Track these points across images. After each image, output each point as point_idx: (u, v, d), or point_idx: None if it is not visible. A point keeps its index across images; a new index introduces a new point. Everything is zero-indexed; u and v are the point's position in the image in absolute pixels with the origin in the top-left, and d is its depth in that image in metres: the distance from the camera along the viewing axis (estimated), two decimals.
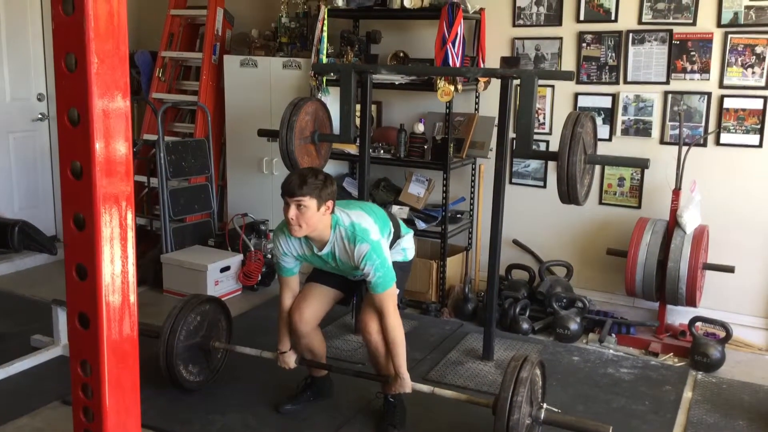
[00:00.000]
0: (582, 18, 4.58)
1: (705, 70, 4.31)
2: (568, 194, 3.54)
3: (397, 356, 3.06)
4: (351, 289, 3.45)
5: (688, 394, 3.70)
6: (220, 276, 4.88)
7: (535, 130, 4.47)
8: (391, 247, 3.22)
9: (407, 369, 3.12)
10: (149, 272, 5.09)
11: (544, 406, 2.95)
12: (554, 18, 4.65)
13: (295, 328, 3.27)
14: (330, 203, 2.97)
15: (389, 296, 3.04)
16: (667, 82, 4.41)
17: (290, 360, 3.34)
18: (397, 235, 3.31)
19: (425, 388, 3.15)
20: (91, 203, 1.13)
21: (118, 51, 1.17)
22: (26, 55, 5.48)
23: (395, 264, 3.16)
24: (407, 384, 3.10)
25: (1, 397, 3.49)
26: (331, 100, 4.71)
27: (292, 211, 2.93)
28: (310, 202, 2.90)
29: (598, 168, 4.53)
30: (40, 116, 5.60)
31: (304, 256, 3.18)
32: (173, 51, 5.74)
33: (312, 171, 2.98)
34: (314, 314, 3.29)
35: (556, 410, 2.98)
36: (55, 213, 5.80)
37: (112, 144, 1.16)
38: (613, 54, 4.52)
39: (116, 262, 1.19)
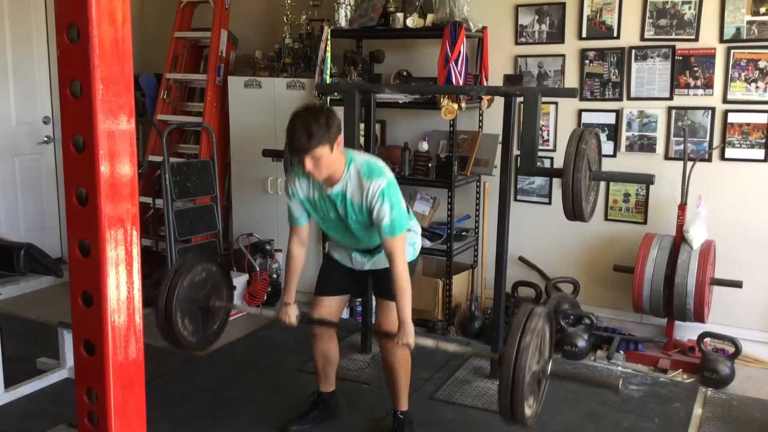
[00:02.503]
0: (584, 35, 4.59)
1: (708, 85, 4.31)
2: (574, 211, 3.53)
3: (404, 306, 2.95)
4: (357, 284, 3.36)
5: (698, 410, 3.66)
6: None
7: (540, 147, 4.46)
8: None
9: (412, 390, 3.09)
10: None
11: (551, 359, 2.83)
12: (556, 35, 4.67)
13: (316, 333, 3.28)
14: (339, 138, 2.88)
15: (401, 241, 2.97)
16: (671, 98, 4.41)
17: (292, 313, 3.24)
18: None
19: (429, 342, 3.03)
20: (97, 229, 1.13)
21: (124, 76, 1.17)
22: (32, 79, 5.52)
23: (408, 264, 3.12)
24: (410, 333, 2.96)
25: (7, 420, 3.48)
26: None
27: (309, 164, 2.83)
28: (323, 150, 2.81)
29: (603, 184, 4.52)
30: (45, 139, 5.63)
31: (311, 200, 3.06)
32: (178, 73, 5.77)
33: (312, 116, 2.82)
34: (331, 317, 3.29)
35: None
36: (61, 235, 5.81)
37: (117, 168, 1.16)
38: (616, 70, 4.53)
39: (122, 288, 1.19)
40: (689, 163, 4.17)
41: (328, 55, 4.87)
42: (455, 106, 4.42)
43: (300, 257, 3.23)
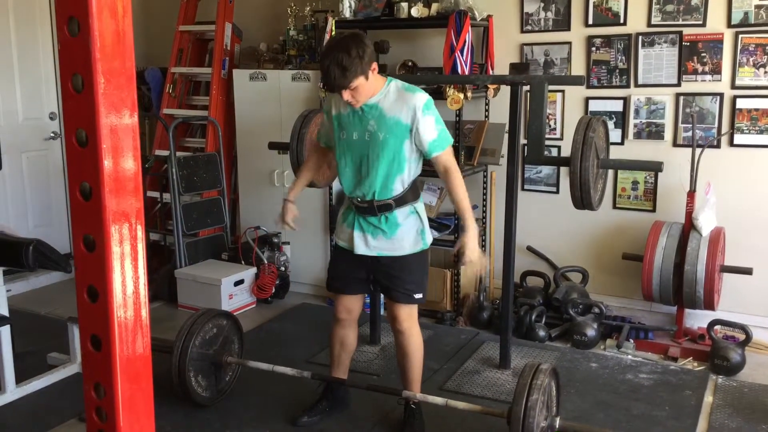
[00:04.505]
0: (590, 22, 4.56)
1: (716, 71, 4.28)
2: (582, 199, 3.52)
3: (462, 205, 2.98)
4: (367, 282, 3.25)
5: (708, 398, 3.65)
6: (234, 290, 4.88)
7: (547, 136, 4.44)
8: (416, 199, 3.12)
9: (422, 380, 3.09)
10: (163, 287, 5.10)
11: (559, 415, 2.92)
12: (562, 23, 4.63)
13: (341, 320, 3.27)
14: (374, 64, 2.84)
15: (451, 154, 2.99)
16: (679, 84, 4.38)
17: (291, 209, 3.27)
18: (417, 192, 3.15)
19: (439, 400, 3.10)
20: (101, 224, 1.12)
21: (125, 69, 1.16)
22: (37, 75, 5.53)
23: (414, 256, 3.10)
24: (474, 248, 2.98)
25: (18, 416, 3.50)
26: None
27: (347, 96, 2.83)
28: (359, 81, 2.80)
29: (611, 172, 4.49)
30: (52, 135, 5.64)
31: (339, 115, 3.02)
32: (183, 67, 5.77)
33: (344, 49, 2.74)
34: (358, 309, 3.30)
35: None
36: (69, 231, 5.82)
37: (121, 163, 1.15)
38: (623, 57, 4.50)
39: (128, 282, 1.18)
40: (698, 150, 4.14)
41: None
42: (461, 95, 4.40)
43: (315, 162, 3.31)
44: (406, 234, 3.08)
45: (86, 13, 1.06)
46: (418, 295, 3.15)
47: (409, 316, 3.17)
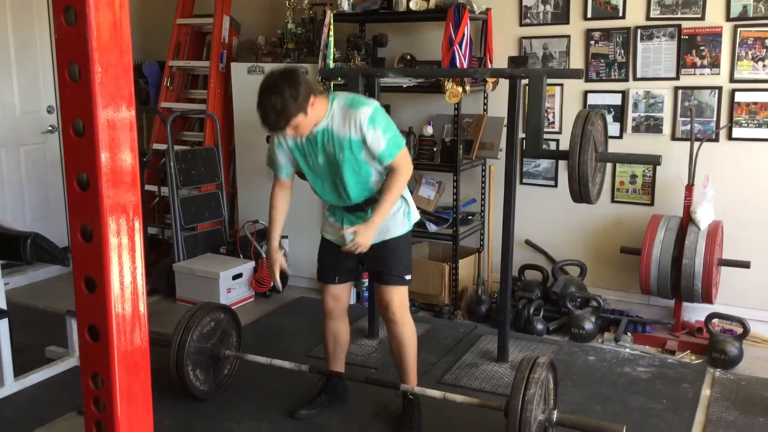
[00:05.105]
0: (589, 15, 4.55)
1: (715, 64, 4.27)
2: (580, 193, 3.52)
3: (382, 209, 2.96)
4: (355, 269, 3.28)
5: (706, 391, 3.66)
6: (232, 283, 4.88)
7: (545, 130, 4.44)
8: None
9: (420, 374, 3.09)
10: (162, 281, 5.09)
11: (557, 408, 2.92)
12: (561, 16, 4.63)
13: (329, 311, 3.28)
14: (311, 97, 2.81)
15: (405, 155, 2.98)
16: (677, 78, 4.38)
17: (277, 259, 3.20)
18: None
19: (437, 393, 3.12)
20: (98, 214, 1.12)
21: (122, 60, 1.16)
22: (35, 68, 5.51)
23: (401, 238, 3.12)
24: (369, 235, 2.95)
25: (17, 409, 3.50)
26: None
27: (290, 133, 2.86)
28: (298, 119, 2.79)
29: (609, 166, 4.49)
30: (50, 128, 5.63)
31: (299, 146, 3.02)
32: (180, 60, 5.75)
33: (276, 91, 2.72)
34: (346, 297, 3.31)
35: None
36: (67, 224, 5.81)
37: (118, 154, 1.15)
38: (622, 51, 4.49)
39: (125, 273, 1.18)
40: (696, 144, 4.14)
41: (331, 39, 4.84)
42: (460, 89, 4.39)
43: (283, 206, 3.22)
44: (393, 217, 3.12)
45: (83, 2, 1.06)
46: (408, 276, 3.20)
47: (401, 305, 3.17)
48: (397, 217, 3.14)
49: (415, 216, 3.24)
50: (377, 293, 3.31)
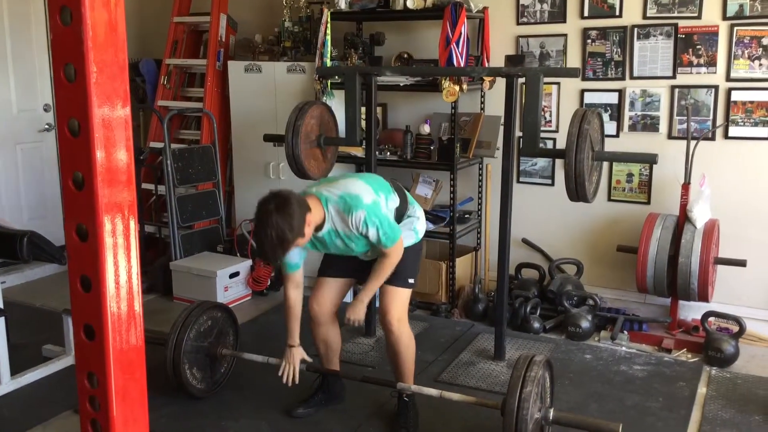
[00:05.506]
0: (586, 14, 4.55)
1: (711, 63, 4.28)
2: (577, 192, 3.52)
3: (370, 288, 3.12)
4: (362, 270, 3.29)
5: (702, 390, 3.67)
6: (229, 282, 4.88)
7: (542, 128, 4.44)
8: (399, 222, 3.17)
9: (417, 372, 3.10)
10: (159, 280, 5.09)
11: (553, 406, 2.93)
12: (558, 15, 4.63)
13: (314, 316, 3.29)
14: (307, 217, 2.84)
15: (399, 244, 3.06)
16: (674, 77, 4.38)
17: (297, 354, 3.26)
18: (403, 210, 3.22)
19: (433, 391, 3.12)
20: (94, 213, 1.12)
21: (118, 60, 1.16)
22: (32, 67, 5.51)
23: (408, 249, 3.15)
24: (361, 311, 3.14)
25: (13, 407, 3.50)
26: (336, 104, 4.70)
27: (292, 254, 3.00)
28: (298, 242, 2.87)
29: (606, 164, 4.50)
30: (47, 127, 5.62)
31: (313, 240, 3.07)
32: (177, 58, 5.75)
33: (272, 225, 2.73)
34: (331, 300, 3.32)
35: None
36: (64, 223, 5.81)
37: (113, 153, 1.15)
38: (619, 49, 4.50)
39: (121, 272, 1.18)
40: (692, 142, 4.15)
41: (328, 38, 4.84)
42: (457, 88, 4.40)
43: (298, 301, 3.27)
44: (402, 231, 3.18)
45: (78, 2, 1.06)
46: (411, 280, 3.24)
47: (400, 317, 3.19)
48: (406, 233, 3.19)
49: (423, 228, 3.32)
50: (378, 294, 3.31)
